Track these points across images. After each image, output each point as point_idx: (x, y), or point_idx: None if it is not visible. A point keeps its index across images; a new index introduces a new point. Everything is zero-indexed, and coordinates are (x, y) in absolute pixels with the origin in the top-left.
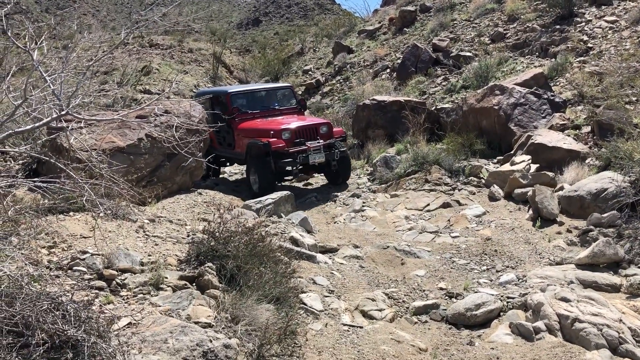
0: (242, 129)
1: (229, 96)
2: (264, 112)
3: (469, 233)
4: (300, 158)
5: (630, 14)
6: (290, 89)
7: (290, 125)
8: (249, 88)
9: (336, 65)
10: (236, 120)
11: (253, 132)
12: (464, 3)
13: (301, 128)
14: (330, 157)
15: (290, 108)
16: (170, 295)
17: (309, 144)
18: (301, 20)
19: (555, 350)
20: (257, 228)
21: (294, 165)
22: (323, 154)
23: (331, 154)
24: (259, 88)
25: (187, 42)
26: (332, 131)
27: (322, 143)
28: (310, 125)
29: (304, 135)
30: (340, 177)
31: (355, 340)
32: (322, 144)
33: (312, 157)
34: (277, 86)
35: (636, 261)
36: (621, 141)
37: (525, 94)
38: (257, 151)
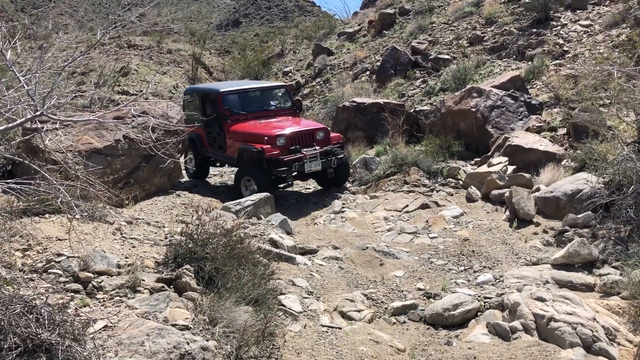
0: (234, 132)
1: (221, 96)
2: (257, 113)
3: (447, 234)
4: (295, 167)
5: (604, 19)
6: (285, 89)
7: (285, 131)
8: (242, 87)
9: (316, 67)
10: (228, 121)
11: (246, 137)
12: (443, 6)
13: (297, 134)
14: (327, 164)
15: (285, 109)
16: (148, 297)
17: (304, 152)
18: (281, 22)
19: (531, 350)
20: (235, 230)
21: (288, 174)
22: (319, 162)
23: (328, 161)
24: (253, 87)
25: (166, 43)
26: (329, 137)
27: (318, 150)
28: (306, 130)
29: (300, 141)
30: (338, 184)
31: (334, 341)
32: (318, 151)
33: (308, 165)
34: (271, 85)
35: (610, 261)
36: (595, 143)
37: (503, 96)
38: (250, 157)
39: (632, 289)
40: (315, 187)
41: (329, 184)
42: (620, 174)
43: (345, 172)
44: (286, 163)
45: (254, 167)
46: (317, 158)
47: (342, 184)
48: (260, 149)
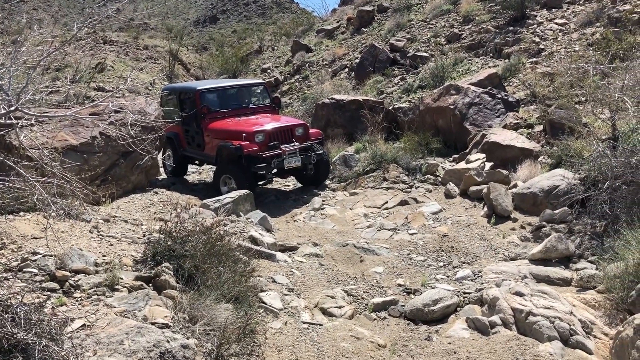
0: (212, 130)
1: (198, 93)
2: (235, 111)
3: (426, 230)
4: (274, 163)
5: (579, 17)
6: (263, 86)
7: (264, 127)
8: (220, 85)
9: (295, 64)
10: (206, 119)
11: (224, 134)
12: (421, 4)
13: (275, 130)
14: (307, 160)
15: (264, 107)
16: (126, 296)
17: (283, 148)
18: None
19: (510, 344)
20: (215, 227)
21: (268, 170)
22: (299, 158)
23: (307, 157)
24: (230, 85)
25: (143, 39)
26: (308, 133)
27: (297, 146)
28: (285, 127)
29: (279, 137)
30: (318, 180)
31: (314, 337)
32: (297, 147)
33: (288, 161)
34: (249, 83)
35: (586, 255)
36: (571, 140)
37: (480, 93)
38: (228, 155)
39: (608, 283)
40: (295, 185)
41: (308, 181)
42: (596, 170)
43: (325, 169)
44: (265, 159)
45: (233, 164)
46: (297, 154)
47: (322, 181)
48: (239, 146)
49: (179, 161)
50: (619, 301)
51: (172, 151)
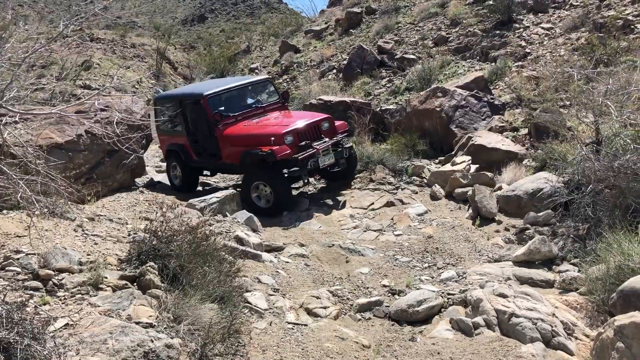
0: (230, 137)
1: (206, 99)
2: (246, 113)
3: (412, 231)
4: (311, 164)
5: (565, 22)
6: (269, 82)
7: (292, 127)
8: (226, 86)
9: (283, 64)
10: (220, 127)
11: (246, 140)
12: (409, 6)
13: (304, 129)
14: (339, 156)
15: (273, 104)
16: (110, 295)
17: (316, 146)
18: (248, 18)
19: (493, 345)
20: (201, 227)
21: (303, 173)
22: (332, 155)
23: (339, 152)
24: (237, 85)
25: (130, 37)
26: (334, 126)
27: (329, 142)
28: (313, 123)
29: (308, 136)
30: (350, 176)
31: (299, 338)
32: (330, 143)
33: (322, 160)
34: (255, 80)
35: (568, 258)
36: (556, 143)
37: (466, 96)
38: (257, 162)
39: (589, 285)
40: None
41: (339, 178)
42: (579, 174)
43: (354, 162)
44: (301, 162)
45: (265, 170)
46: (330, 151)
47: (352, 177)
48: (270, 152)
49: (189, 174)
50: (600, 303)
51: (178, 165)
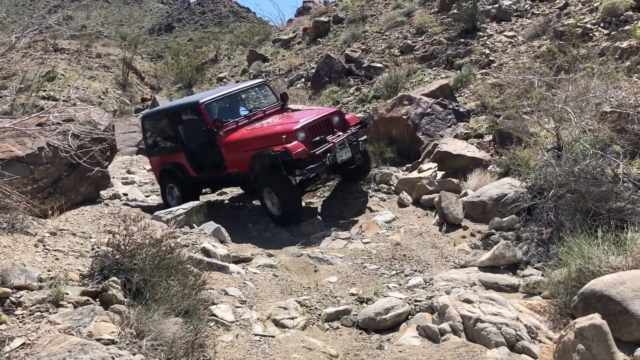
0: (235, 142)
1: (203, 107)
2: (247, 118)
3: (380, 239)
4: (329, 158)
5: (527, 30)
6: (265, 85)
7: (303, 123)
8: (223, 93)
9: (251, 73)
10: (221, 134)
11: (255, 142)
12: (375, 15)
13: (315, 123)
14: (355, 149)
15: (273, 106)
16: (71, 312)
17: (331, 140)
18: (216, 27)
19: (459, 351)
20: (165, 240)
21: (322, 170)
22: (349, 148)
23: (355, 146)
24: (232, 91)
25: (96, 47)
26: (345, 120)
27: (344, 135)
28: (323, 117)
29: (320, 131)
30: (365, 171)
31: (266, 350)
32: (345, 136)
33: (340, 154)
34: (250, 85)
35: (532, 262)
36: (519, 149)
37: (432, 104)
38: (269, 164)
39: (552, 288)
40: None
41: (354, 174)
42: (542, 179)
43: (368, 158)
44: (319, 157)
45: (271, 176)
46: (346, 144)
47: (368, 172)
48: (285, 150)
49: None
50: (563, 306)
51: (175, 185)
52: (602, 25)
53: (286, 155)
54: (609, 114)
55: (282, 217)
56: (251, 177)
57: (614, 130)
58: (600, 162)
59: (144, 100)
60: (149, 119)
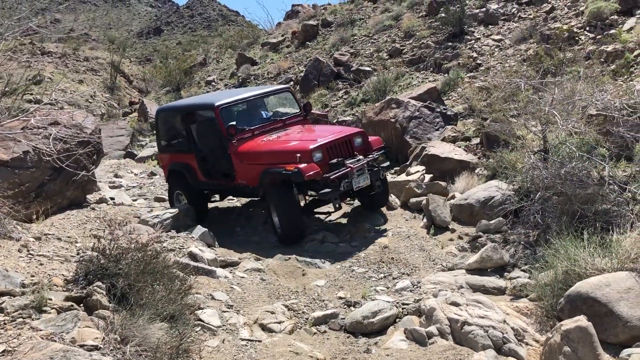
0: (247, 153)
1: (219, 110)
2: (263, 127)
3: (368, 242)
4: (344, 185)
5: (514, 34)
6: (289, 92)
7: (320, 142)
8: (241, 97)
9: (240, 76)
10: (234, 142)
11: (267, 157)
12: (364, 19)
13: (334, 143)
14: (375, 177)
15: (294, 117)
16: (54, 318)
17: (349, 164)
18: (204, 30)
19: (446, 354)
20: (151, 244)
21: (335, 195)
22: (368, 175)
23: (375, 172)
24: (252, 95)
25: (83, 50)
26: (368, 142)
27: (364, 160)
28: (344, 138)
29: (339, 152)
30: (384, 200)
31: (253, 354)
32: (365, 161)
33: (357, 180)
34: (273, 90)
35: (519, 264)
36: (506, 152)
37: (420, 107)
38: (278, 182)
39: (539, 291)
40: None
41: (371, 202)
42: (528, 181)
43: (387, 186)
44: (333, 182)
45: (279, 195)
46: (365, 170)
47: (386, 202)
48: (297, 170)
49: (195, 199)
50: (549, 308)
51: (182, 189)
52: (587, 29)
53: (298, 177)
54: (595, 117)
55: (283, 236)
56: (260, 193)
57: (600, 133)
58: (586, 164)
59: (132, 104)
60: (163, 114)
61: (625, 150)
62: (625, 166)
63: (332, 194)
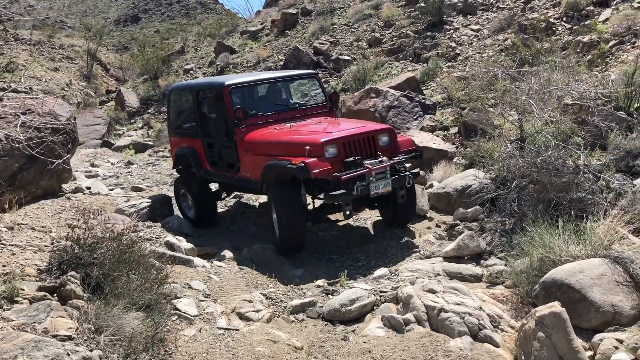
0: (253, 142)
1: (228, 90)
2: (280, 115)
3: (346, 231)
4: (358, 189)
5: (492, 24)
6: (314, 78)
7: (336, 135)
8: (256, 78)
9: (219, 65)
10: (241, 128)
11: (272, 147)
12: (344, 8)
13: (353, 139)
14: (399, 183)
15: (318, 107)
16: (26, 308)
17: (368, 164)
18: (183, 18)
19: (423, 340)
20: (126, 233)
21: (346, 199)
22: (389, 180)
23: (400, 179)
24: (270, 78)
25: (59, 38)
26: (395, 142)
27: (388, 163)
28: (366, 133)
29: (358, 150)
30: (408, 215)
31: (230, 343)
32: (388, 163)
33: (375, 185)
34: (297, 74)
35: (495, 252)
36: (483, 141)
37: (399, 97)
38: (282, 178)
39: (514, 278)
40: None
41: (395, 216)
42: (505, 170)
43: (414, 195)
44: (345, 183)
45: (281, 193)
46: (387, 174)
47: (409, 218)
48: (303, 165)
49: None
50: (524, 295)
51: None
52: (564, 20)
53: (304, 173)
54: (571, 107)
55: (279, 244)
56: (262, 189)
57: (575, 122)
58: (561, 153)
59: (109, 92)
60: (174, 93)
61: (599, 139)
62: (599, 155)
63: (343, 197)
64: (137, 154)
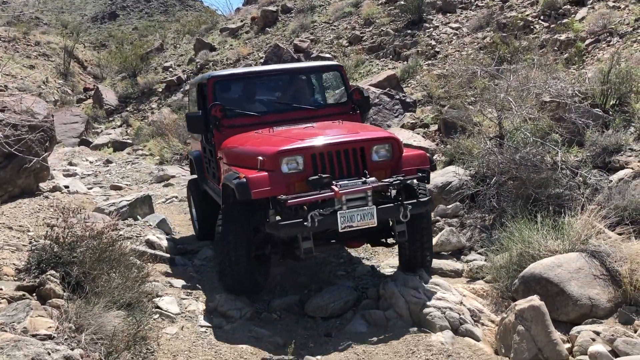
0: (224, 149)
1: (212, 83)
2: (280, 116)
3: None
4: (314, 219)
5: (471, 22)
6: (339, 72)
7: (299, 144)
8: (252, 70)
9: (198, 62)
10: (220, 129)
11: (233, 157)
12: (324, 5)
13: (328, 149)
14: (390, 215)
15: (335, 107)
16: (5, 308)
17: (337, 186)
18: (162, 15)
19: (405, 335)
20: (106, 232)
21: (300, 231)
22: (373, 210)
23: (391, 209)
24: (271, 70)
25: (34, 35)
26: (400, 156)
27: (370, 185)
28: (350, 142)
29: (336, 165)
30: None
31: (212, 341)
32: (370, 187)
33: (346, 216)
34: (312, 66)
35: (476, 247)
36: (463, 138)
37: (380, 94)
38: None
39: (494, 273)
40: None
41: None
42: (484, 167)
43: (428, 231)
44: (294, 211)
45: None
46: (367, 200)
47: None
48: (241, 182)
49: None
50: (504, 289)
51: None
52: (542, 18)
53: (242, 192)
54: (548, 104)
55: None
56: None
57: (553, 119)
58: (540, 149)
59: (87, 90)
60: (190, 87)
61: (577, 135)
62: (577, 151)
63: (293, 228)
64: (116, 153)
